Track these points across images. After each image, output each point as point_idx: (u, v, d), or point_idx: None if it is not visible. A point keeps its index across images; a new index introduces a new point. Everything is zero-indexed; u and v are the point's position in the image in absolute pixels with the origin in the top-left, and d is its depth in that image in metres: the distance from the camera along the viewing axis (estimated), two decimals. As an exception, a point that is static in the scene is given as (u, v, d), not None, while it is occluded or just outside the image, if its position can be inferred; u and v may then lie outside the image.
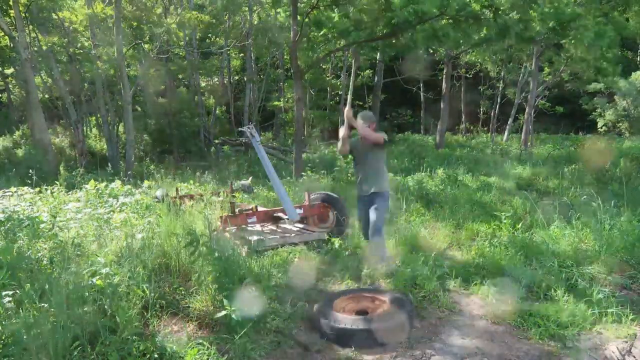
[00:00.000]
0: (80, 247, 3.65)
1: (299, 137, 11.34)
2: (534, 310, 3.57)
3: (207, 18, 16.85)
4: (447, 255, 5.13)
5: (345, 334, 3.18)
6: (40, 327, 2.61)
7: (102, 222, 4.19)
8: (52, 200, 5.12)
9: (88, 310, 2.92)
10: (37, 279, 3.01)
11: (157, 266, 3.83)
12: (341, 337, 3.20)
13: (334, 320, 3.28)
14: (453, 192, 8.28)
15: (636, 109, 25.26)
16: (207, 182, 9.55)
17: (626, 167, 9.23)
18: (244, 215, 5.45)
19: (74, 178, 6.95)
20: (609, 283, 3.94)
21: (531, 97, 19.19)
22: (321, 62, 20.34)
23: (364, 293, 3.82)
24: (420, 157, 13.71)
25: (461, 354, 3.10)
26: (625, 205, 5.53)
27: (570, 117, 27.06)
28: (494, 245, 4.94)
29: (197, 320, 3.41)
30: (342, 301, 3.68)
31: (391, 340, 3.21)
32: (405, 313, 3.33)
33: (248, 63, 22.26)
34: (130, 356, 2.80)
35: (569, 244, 4.85)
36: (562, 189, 8.29)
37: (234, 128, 23.00)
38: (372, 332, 3.15)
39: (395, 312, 3.34)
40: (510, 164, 13.59)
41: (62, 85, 14.76)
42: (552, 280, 4.02)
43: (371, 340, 3.15)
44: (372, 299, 3.71)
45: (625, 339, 3.25)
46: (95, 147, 18.70)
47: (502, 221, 5.78)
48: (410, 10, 9.02)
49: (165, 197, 5.93)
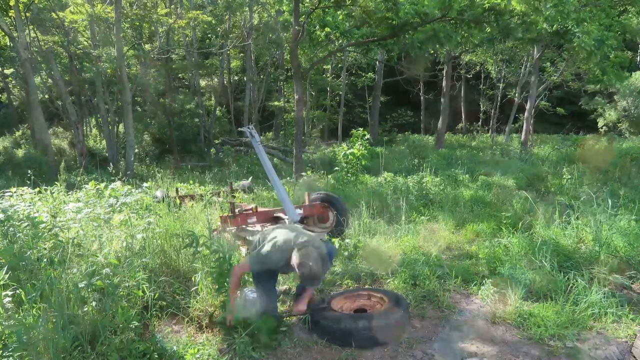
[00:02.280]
0: (80, 247, 3.65)
1: (299, 137, 11.34)
2: (534, 310, 3.57)
3: (207, 18, 16.85)
4: (447, 255, 5.13)
5: (345, 332, 3.19)
6: (40, 327, 2.61)
7: (102, 223, 4.19)
8: (52, 200, 5.12)
9: (88, 310, 2.92)
10: (37, 279, 3.01)
11: (157, 266, 3.84)
12: (340, 335, 3.21)
13: (332, 319, 3.29)
14: (453, 192, 8.28)
15: (636, 109, 25.27)
16: (207, 182, 9.56)
17: (626, 167, 9.23)
18: (244, 215, 5.45)
19: (74, 178, 6.95)
20: (609, 283, 3.94)
21: (531, 97, 19.19)
22: (322, 62, 20.35)
23: (360, 292, 3.83)
24: (420, 157, 13.71)
25: (461, 354, 3.10)
26: (625, 205, 5.52)
27: (570, 117, 27.08)
28: (494, 245, 4.94)
29: (197, 321, 3.41)
30: (339, 300, 3.69)
31: (389, 338, 3.22)
32: (402, 310, 3.35)
33: (248, 63, 22.27)
34: (130, 356, 2.80)
35: (568, 244, 4.85)
36: (562, 189, 8.29)
37: (234, 128, 23.02)
38: (371, 329, 3.16)
39: (393, 309, 3.35)
40: (510, 164, 13.59)
41: (62, 85, 14.76)
42: (552, 280, 4.02)
43: (370, 337, 3.16)
44: (368, 296, 3.74)
45: (625, 339, 3.25)
46: (95, 147, 18.71)
47: (502, 221, 5.78)
48: (411, 12, 9.03)
49: (165, 197, 5.94)
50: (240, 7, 18.18)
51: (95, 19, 13.75)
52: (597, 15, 11.88)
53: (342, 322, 3.21)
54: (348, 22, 11.03)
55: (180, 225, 4.57)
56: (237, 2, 17.41)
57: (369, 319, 3.20)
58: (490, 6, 9.38)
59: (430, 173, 9.42)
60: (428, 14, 9.28)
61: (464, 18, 9.65)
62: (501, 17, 9.59)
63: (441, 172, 10.03)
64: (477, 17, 9.59)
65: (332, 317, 3.30)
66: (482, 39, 11.69)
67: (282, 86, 24.78)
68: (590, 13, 11.35)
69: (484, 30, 10.79)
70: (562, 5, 10.08)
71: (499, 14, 9.54)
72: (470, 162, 13.69)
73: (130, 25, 15.77)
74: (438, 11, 9.39)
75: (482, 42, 12.16)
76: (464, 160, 14.14)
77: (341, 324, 3.20)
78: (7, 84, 19.97)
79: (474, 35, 10.56)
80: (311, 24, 11.24)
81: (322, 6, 10.94)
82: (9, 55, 17.06)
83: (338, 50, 15.13)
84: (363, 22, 10.74)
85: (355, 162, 9.32)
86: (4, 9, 13.60)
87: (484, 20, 9.84)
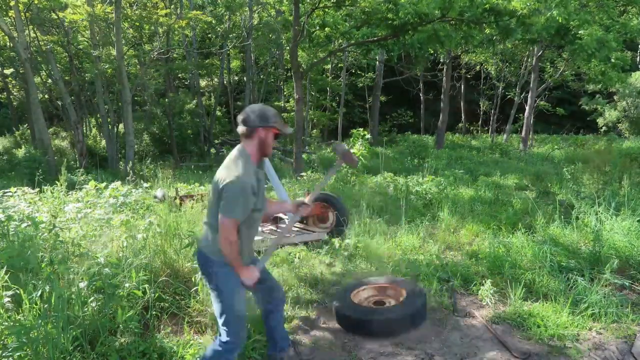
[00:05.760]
0: (80, 247, 3.65)
1: (299, 137, 11.35)
2: (534, 310, 3.57)
3: (207, 18, 16.85)
4: (448, 256, 5.13)
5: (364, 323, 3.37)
6: (40, 327, 2.61)
7: (102, 223, 4.19)
8: (52, 200, 5.11)
9: (88, 310, 2.92)
10: (37, 279, 3.01)
11: (157, 267, 3.83)
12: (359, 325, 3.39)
13: (353, 310, 3.46)
14: (453, 192, 8.28)
15: (636, 109, 25.27)
16: (207, 182, 9.56)
17: (626, 167, 9.23)
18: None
19: (75, 177, 6.95)
20: (609, 283, 3.94)
21: (531, 97, 19.20)
22: (322, 62, 20.36)
23: (380, 283, 3.95)
24: (420, 157, 13.71)
25: (461, 354, 3.10)
26: (625, 205, 5.52)
27: (570, 117, 27.08)
28: (494, 245, 4.94)
29: (197, 321, 3.41)
30: (359, 292, 3.84)
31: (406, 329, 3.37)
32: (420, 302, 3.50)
33: (248, 63, 22.27)
34: (130, 356, 2.80)
35: (569, 244, 4.85)
36: (562, 189, 8.29)
37: (234, 128, 23.02)
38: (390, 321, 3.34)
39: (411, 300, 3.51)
40: (510, 164, 13.60)
41: (62, 86, 14.75)
42: (552, 280, 4.02)
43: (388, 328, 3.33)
44: (385, 288, 3.90)
45: (625, 339, 3.25)
46: (95, 147, 18.70)
47: (502, 221, 5.78)
48: (412, 12, 9.02)
49: (165, 198, 5.94)
50: (240, 7, 18.17)
51: (95, 19, 13.73)
52: (598, 16, 11.90)
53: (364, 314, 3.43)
54: (348, 22, 11.04)
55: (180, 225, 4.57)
56: (237, 2, 17.40)
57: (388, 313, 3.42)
58: (490, 7, 9.38)
59: (430, 173, 9.42)
60: (428, 14, 9.27)
61: (464, 18, 9.65)
62: (501, 17, 9.59)
63: (441, 172, 10.03)
64: (477, 17, 9.59)
65: (356, 310, 3.48)
66: (482, 39, 11.69)
67: (282, 86, 24.78)
68: (591, 14, 11.37)
69: (483, 31, 10.79)
70: (564, 6, 10.09)
71: (498, 15, 9.54)
72: (470, 162, 13.70)
73: (130, 25, 15.76)
74: (438, 11, 9.38)
75: (482, 42, 12.15)
76: (464, 160, 14.15)
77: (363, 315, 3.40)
78: (7, 84, 19.96)
79: (474, 36, 10.55)
80: (311, 24, 11.24)
81: (322, 6, 10.95)
82: (9, 55, 17.04)
83: (338, 50, 15.13)
84: (363, 22, 10.75)
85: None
86: (4, 9, 13.59)
87: (483, 20, 9.83)
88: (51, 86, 17.97)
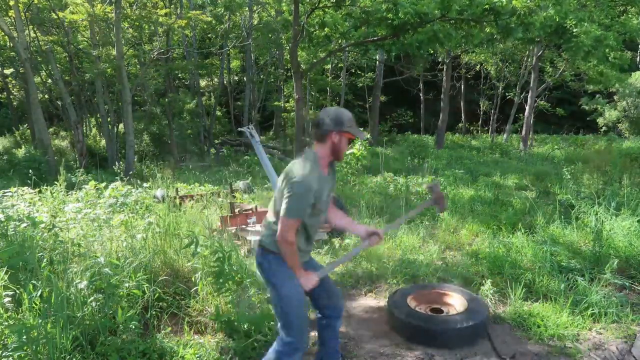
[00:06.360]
0: (80, 247, 3.65)
1: (299, 137, 11.35)
2: (534, 310, 3.57)
3: (207, 18, 16.85)
4: (448, 256, 5.13)
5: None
6: (40, 327, 2.61)
7: (102, 223, 4.19)
8: (52, 200, 5.11)
9: (88, 310, 2.92)
10: (37, 279, 3.01)
11: (157, 266, 3.83)
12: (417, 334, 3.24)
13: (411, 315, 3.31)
14: (453, 191, 8.28)
15: (636, 109, 25.28)
16: (207, 182, 9.56)
17: (626, 167, 9.23)
18: (243, 215, 5.45)
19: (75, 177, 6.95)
20: (609, 283, 3.94)
21: (531, 97, 19.20)
22: (321, 62, 20.35)
23: (435, 289, 3.78)
24: (420, 157, 13.70)
25: (461, 354, 3.10)
26: (625, 205, 5.52)
27: (570, 117, 27.08)
28: (494, 245, 4.94)
29: (197, 321, 3.41)
30: (414, 297, 3.67)
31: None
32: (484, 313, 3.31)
33: (248, 63, 22.27)
34: (130, 356, 2.80)
35: (569, 244, 4.85)
36: (562, 189, 8.28)
37: (234, 128, 23.02)
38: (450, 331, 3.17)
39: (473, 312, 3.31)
40: (510, 164, 13.59)
41: (62, 86, 14.76)
42: (552, 280, 4.02)
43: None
44: (441, 294, 3.71)
45: (625, 339, 3.25)
46: (95, 147, 18.70)
47: (502, 221, 5.78)
48: (411, 12, 9.02)
49: (165, 198, 5.94)
50: (240, 7, 18.17)
51: (95, 18, 13.74)
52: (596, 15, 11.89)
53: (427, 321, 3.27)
54: (348, 22, 11.03)
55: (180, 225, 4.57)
56: (237, 2, 17.40)
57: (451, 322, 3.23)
58: (490, 6, 9.37)
59: (430, 173, 9.42)
60: (428, 14, 9.27)
61: (464, 18, 9.64)
62: (500, 16, 9.59)
63: (441, 172, 10.03)
64: (477, 16, 9.59)
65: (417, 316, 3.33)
66: (482, 39, 11.70)
67: (282, 86, 24.77)
68: (588, 13, 11.36)
69: (484, 30, 10.78)
70: (560, 4, 10.09)
71: (498, 14, 9.54)
72: (471, 162, 13.69)
73: (130, 25, 15.77)
74: (438, 11, 9.38)
75: (482, 42, 12.16)
76: (464, 160, 14.14)
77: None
78: (7, 84, 19.97)
79: (474, 35, 10.55)
80: (311, 24, 11.24)
81: (321, 6, 10.95)
82: (9, 55, 17.04)
83: (338, 50, 15.13)
84: (363, 22, 10.74)
85: (355, 162, 9.32)
86: (4, 9, 13.60)
87: (483, 19, 9.83)
88: (51, 86, 17.98)
